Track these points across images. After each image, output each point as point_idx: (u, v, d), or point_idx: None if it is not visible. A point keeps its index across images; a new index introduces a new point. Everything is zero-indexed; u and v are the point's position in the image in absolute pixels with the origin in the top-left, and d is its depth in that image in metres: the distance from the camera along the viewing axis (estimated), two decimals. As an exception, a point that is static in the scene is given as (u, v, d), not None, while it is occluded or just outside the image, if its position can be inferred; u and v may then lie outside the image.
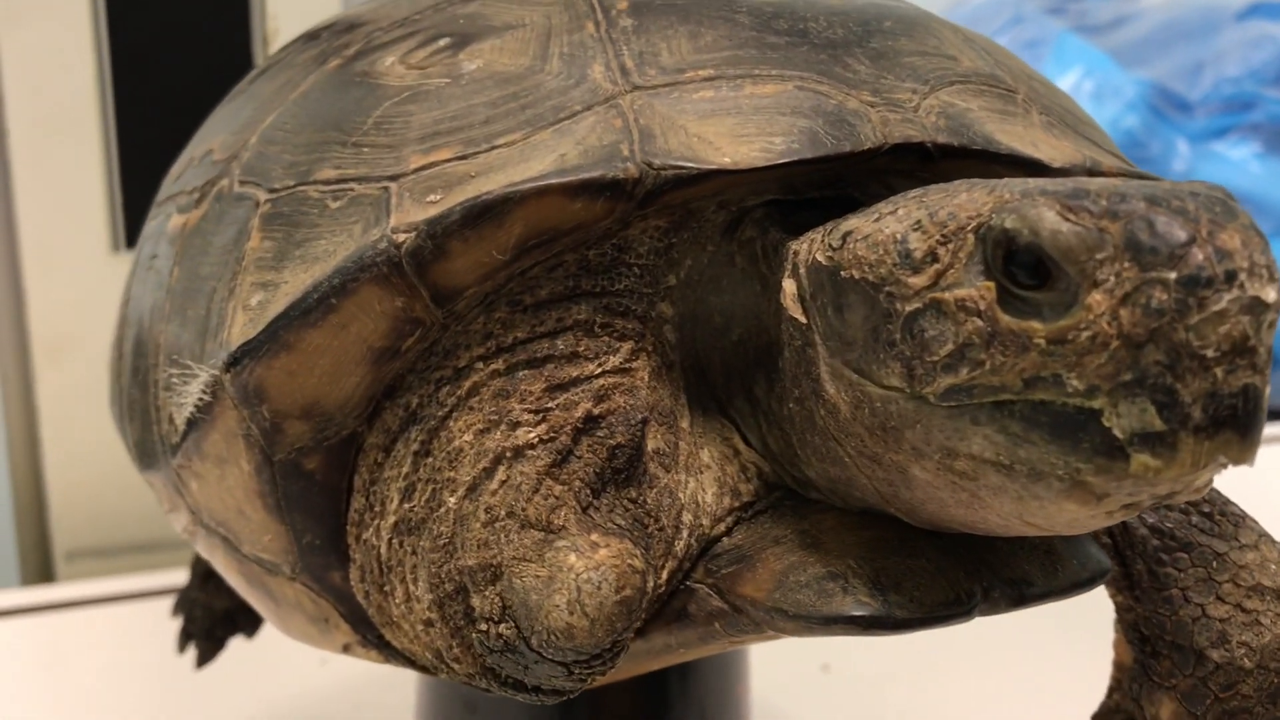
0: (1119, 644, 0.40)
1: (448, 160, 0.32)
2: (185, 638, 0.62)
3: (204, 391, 0.33)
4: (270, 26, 0.95)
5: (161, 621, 0.83)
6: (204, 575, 0.62)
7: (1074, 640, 0.82)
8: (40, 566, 1.01)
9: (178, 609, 0.64)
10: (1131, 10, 1.60)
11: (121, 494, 0.98)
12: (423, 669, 0.35)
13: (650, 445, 0.32)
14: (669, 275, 0.34)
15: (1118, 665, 0.40)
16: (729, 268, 0.34)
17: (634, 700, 0.49)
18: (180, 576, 0.90)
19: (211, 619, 0.62)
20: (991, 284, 0.25)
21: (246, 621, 0.62)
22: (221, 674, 0.70)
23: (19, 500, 0.99)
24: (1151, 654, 0.37)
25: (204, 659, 0.62)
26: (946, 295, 0.26)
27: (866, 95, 0.32)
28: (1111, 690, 0.41)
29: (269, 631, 0.65)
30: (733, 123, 0.31)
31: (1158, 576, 0.36)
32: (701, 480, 0.33)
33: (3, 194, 0.93)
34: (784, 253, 0.32)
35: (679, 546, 0.32)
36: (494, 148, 0.32)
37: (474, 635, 0.31)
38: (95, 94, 0.92)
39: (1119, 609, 0.39)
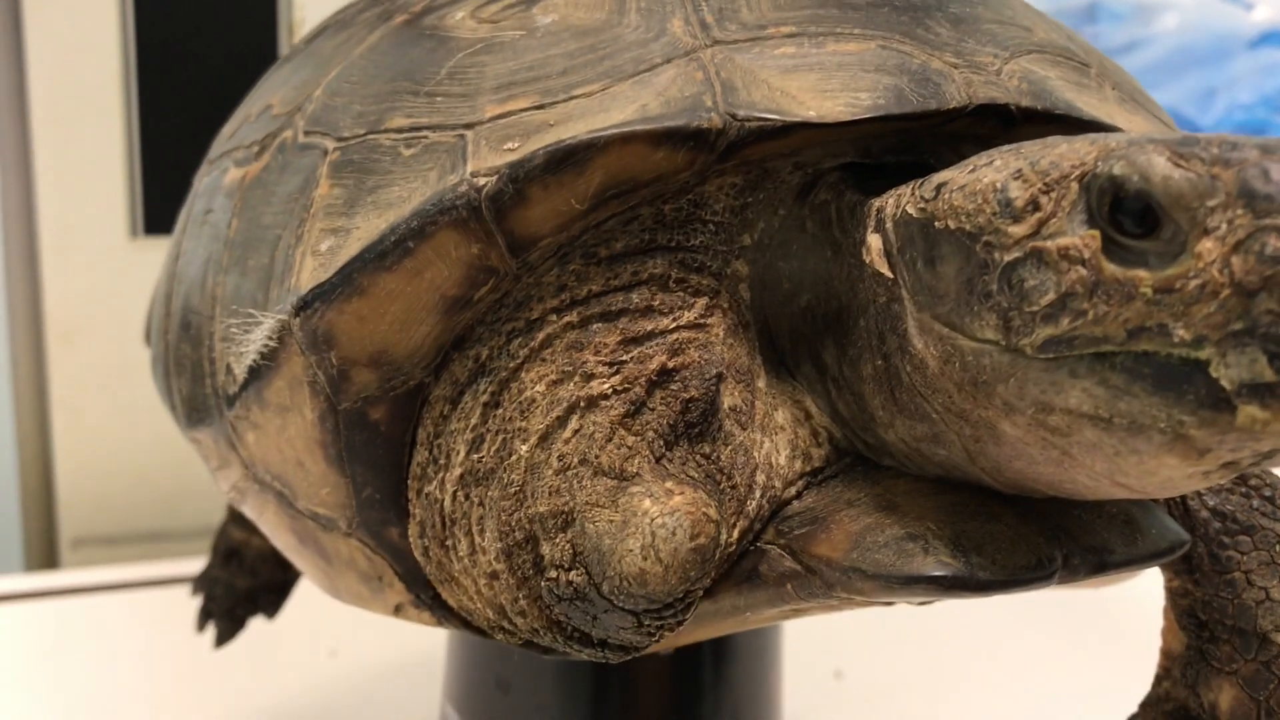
0: (1169, 631, 0.40)
1: (524, 109, 0.31)
2: (205, 616, 0.62)
3: (269, 338, 0.32)
4: (296, 15, 0.95)
5: (167, 610, 0.83)
6: (226, 554, 0.62)
7: (1087, 649, 0.82)
8: (45, 553, 1.00)
9: (198, 587, 0.63)
10: (1144, 35, 1.61)
11: (130, 482, 0.98)
12: (478, 631, 0.34)
13: (726, 402, 0.32)
14: (744, 235, 0.34)
15: (1166, 653, 0.40)
16: (799, 233, 0.34)
17: (667, 686, 0.49)
18: (187, 566, 0.90)
19: (232, 598, 0.61)
20: (1096, 232, 0.25)
21: (268, 601, 0.62)
22: (228, 664, 0.70)
23: (26, 485, 0.98)
24: (1210, 639, 0.37)
25: (223, 638, 0.61)
26: (1048, 244, 0.25)
27: (949, 57, 0.32)
28: (1159, 679, 0.40)
29: (278, 622, 0.65)
30: (816, 78, 0.31)
31: (1219, 560, 0.36)
32: (776, 441, 0.32)
33: (23, 178, 0.93)
34: (862, 213, 0.31)
35: (751, 506, 0.31)
36: (572, 98, 0.31)
37: (543, 584, 0.30)
38: (119, 80, 0.91)
39: (1173, 594, 0.39)
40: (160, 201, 0.94)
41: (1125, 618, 0.87)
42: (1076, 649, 0.83)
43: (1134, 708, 0.40)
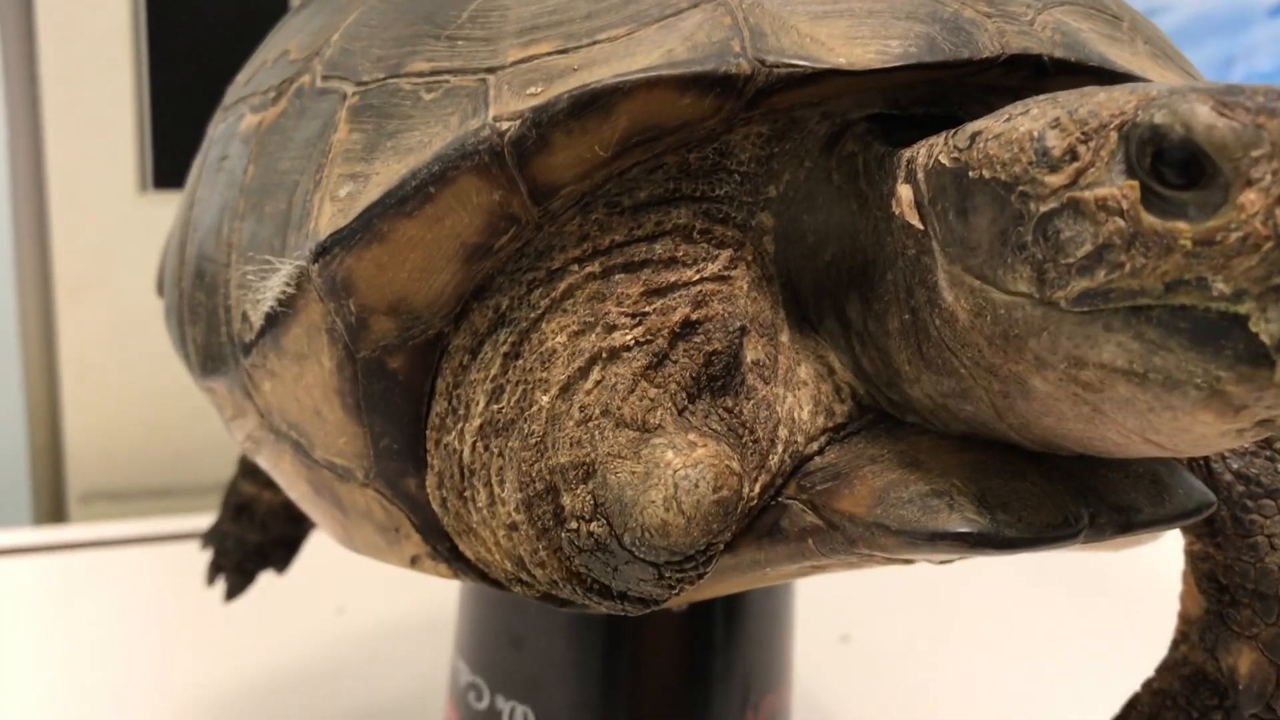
0: (1187, 595, 0.39)
1: (547, 54, 0.31)
2: (215, 570, 0.62)
3: (286, 285, 0.32)
4: (307, -30, 0.94)
5: (174, 566, 0.83)
6: (236, 508, 0.62)
7: (1094, 614, 0.82)
8: (53, 507, 1.00)
9: (208, 542, 0.63)
10: (1163, 3, 1.59)
11: (138, 438, 0.98)
12: (494, 583, 0.34)
13: (749, 356, 0.31)
14: (769, 186, 0.33)
15: (1184, 617, 0.40)
16: (824, 185, 0.33)
17: (680, 643, 0.49)
18: (195, 522, 0.90)
19: (243, 552, 0.61)
20: (1135, 183, 0.24)
21: (278, 556, 0.62)
22: (235, 620, 0.70)
23: (35, 440, 0.98)
24: (1230, 603, 0.37)
25: (233, 592, 0.61)
26: (1086, 194, 0.25)
27: (982, 6, 0.32)
28: (1177, 643, 0.40)
29: (285, 579, 0.65)
30: (846, 25, 0.30)
31: (1242, 523, 0.36)
32: (799, 396, 0.32)
33: (32, 132, 0.92)
34: (891, 165, 0.31)
35: (773, 461, 0.31)
36: (596, 42, 0.31)
37: (563, 535, 0.30)
38: (129, 34, 0.91)
39: (1193, 558, 0.38)
40: (169, 156, 0.93)
41: (1133, 582, 0.87)
42: (1083, 614, 0.83)
43: (1141, 673, 0.40)
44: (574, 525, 0.30)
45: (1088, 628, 0.81)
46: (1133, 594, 0.86)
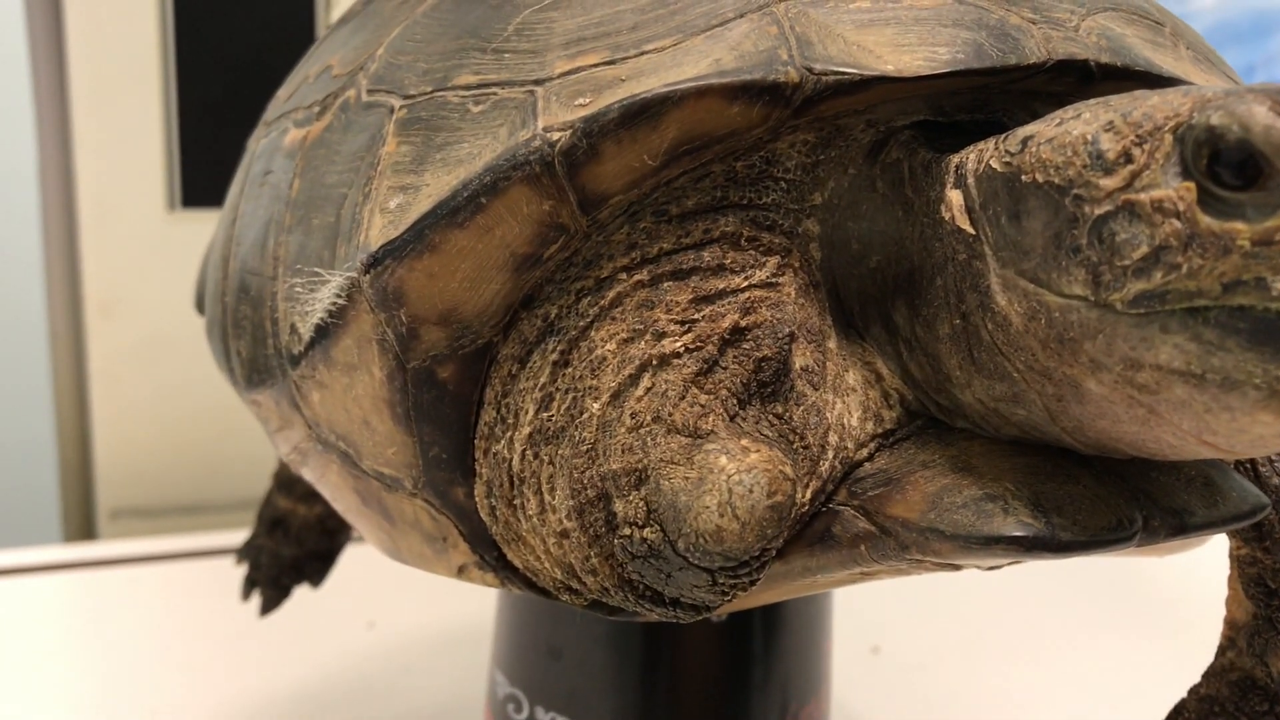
0: (1233, 600, 0.39)
1: (595, 65, 0.31)
2: (250, 585, 0.62)
3: (337, 296, 0.32)
4: (333, -11, 0.95)
5: (204, 582, 0.83)
6: (271, 523, 0.62)
7: (1124, 626, 0.82)
8: (83, 524, 1.00)
9: (242, 557, 0.63)
10: (1183, 13, 1.59)
11: (167, 455, 0.98)
12: (542, 591, 0.34)
13: (798, 362, 0.31)
14: (814, 194, 0.33)
15: (1230, 623, 0.40)
16: (869, 193, 0.34)
17: (719, 654, 0.49)
18: (224, 538, 0.90)
19: (278, 567, 0.61)
20: (1191, 184, 0.24)
21: (313, 570, 0.62)
22: (265, 636, 0.70)
23: (65, 457, 0.99)
24: (1279, 608, 0.36)
25: (269, 607, 0.61)
26: (1142, 196, 0.25)
27: (1026, 12, 0.32)
28: (1223, 649, 0.40)
29: (315, 594, 0.65)
30: (892, 33, 0.31)
31: None
32: (848, 402, 0.32)
33: (62, 149, 0.93)
34: (938, 171, 0.31)
35: (824, 467, 0.31)
36: (643, 53, 0.31)
37: (615, 542, 0.30)
38: (158, 52, 0.91)
39: (1240, 562, 0.38)
40: (198, 174, 0.94)
41: (1165, 590, 0.87)
42: (1114, 623, 0.82)
43: (1176, 681, 0.40)
44: (627, 531, 0.30)
45: (1119, 637, 0.80)
46: (1165, 602, 0.85)
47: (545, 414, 0.32)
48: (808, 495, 0.31)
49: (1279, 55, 1.50)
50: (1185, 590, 0.85)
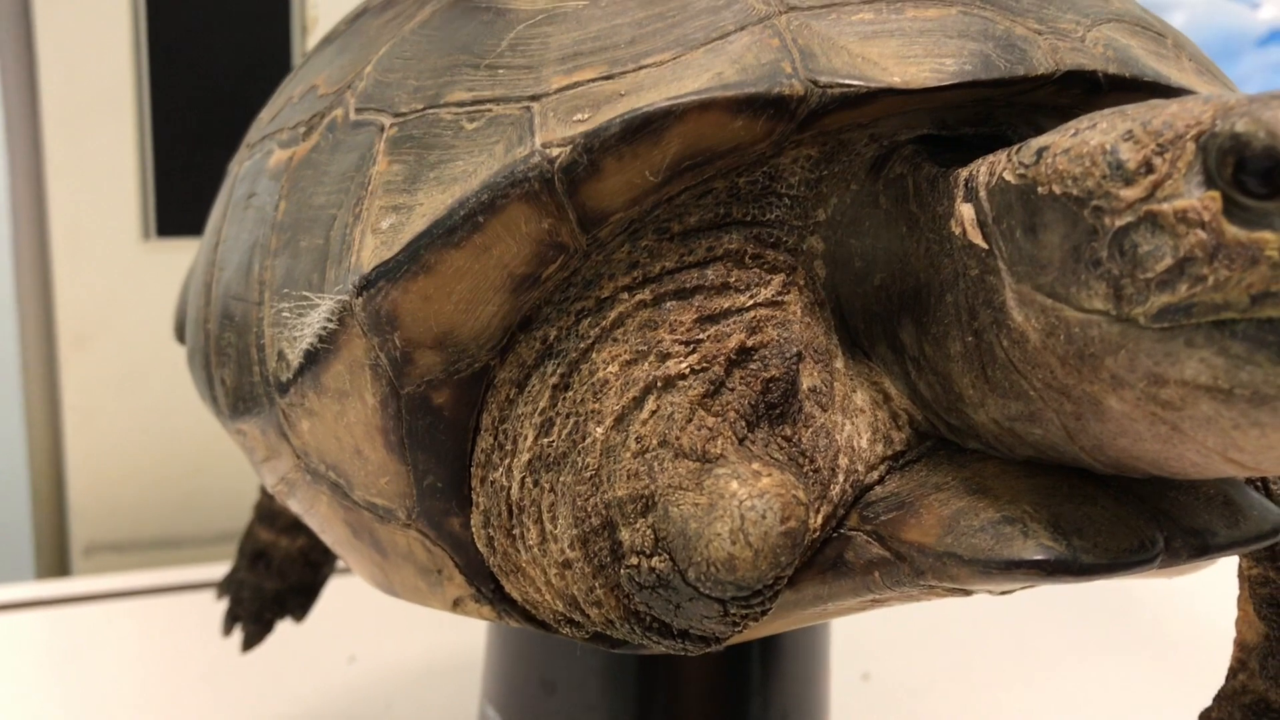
0: (1244, 621, 0.38)
1: (592, 80, 0.30)
2: (231, 620, 0.60)
3: (327, 320, 0.31)
4: (310, 15, 0.94)
5: (180, 617, 0.81)
6: (253, 556, 0.60)
7: (1114, 648, 0.81)
8: (56, 559, 0.98)
9: (223, 591, 0.61)
10: (1153, 34, 1.61)
11: (142, 488, 0.96)
12: (540, 624, 0.33)
13: (806, 383, 0.30)
14: (818, 210, 0.32)
15: (1241, 645, 0.39)
16: (871, 209, 0.33)
17: (716, 685, 0.48)
18: (200, 572, 0.88)
19: (260, 601, 0.60)
20: (1216, 194, 0.24)
21: (296, 604, 0.60)
22: (242, 672, 0.68)
23: (37, 491, 0.97)
24: None
25: (251, 642, 0.60)
26: (1164, 207, 0.24)
27: (1032, 23, 0.31)
28: (1234, 671, 0.39)
29: (295, 629, 0.63)
30: (897, 44, 0.30)
31: None
32: (857, 424, 0.31)
33: (35, 179, 0.91)
34: (944, 186, 0.30)
35: (834, 491, 0.30)
36: (641, 67, 0.30)
37: (621, 572, 0.29)
38: (131, 81, 0.90)
39: (1252, 582, 0.37)
40: (173, 202, 0.92)
41: (1160, 615, 0.86)
42: (1108, 649, 0.82)
43: (1173, 708, 0.39)
44: (634, 561, 0.29)
45: (1109, 659, 0.80)
46: (1160, 627, 0.85)
47: (545, 440, 0.31)
48: (819, 520, 0.30)
49: (1249, 76, 1.52)
50: (1176, 611, 0.85)
